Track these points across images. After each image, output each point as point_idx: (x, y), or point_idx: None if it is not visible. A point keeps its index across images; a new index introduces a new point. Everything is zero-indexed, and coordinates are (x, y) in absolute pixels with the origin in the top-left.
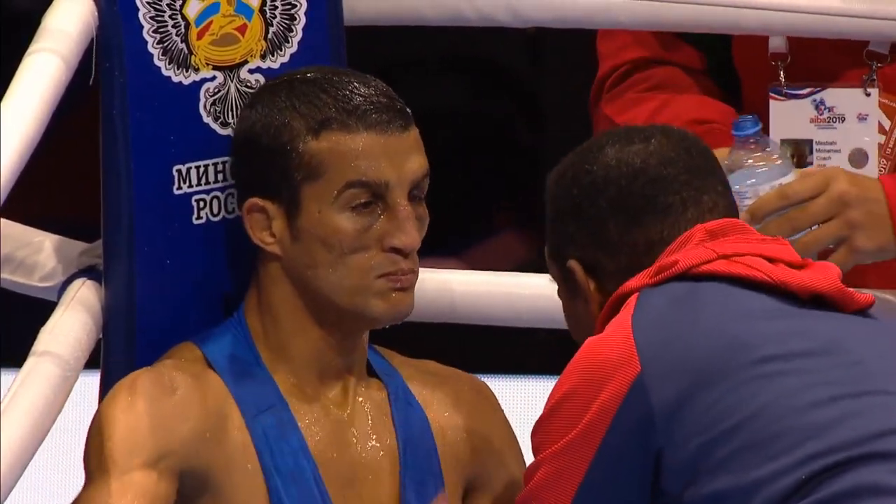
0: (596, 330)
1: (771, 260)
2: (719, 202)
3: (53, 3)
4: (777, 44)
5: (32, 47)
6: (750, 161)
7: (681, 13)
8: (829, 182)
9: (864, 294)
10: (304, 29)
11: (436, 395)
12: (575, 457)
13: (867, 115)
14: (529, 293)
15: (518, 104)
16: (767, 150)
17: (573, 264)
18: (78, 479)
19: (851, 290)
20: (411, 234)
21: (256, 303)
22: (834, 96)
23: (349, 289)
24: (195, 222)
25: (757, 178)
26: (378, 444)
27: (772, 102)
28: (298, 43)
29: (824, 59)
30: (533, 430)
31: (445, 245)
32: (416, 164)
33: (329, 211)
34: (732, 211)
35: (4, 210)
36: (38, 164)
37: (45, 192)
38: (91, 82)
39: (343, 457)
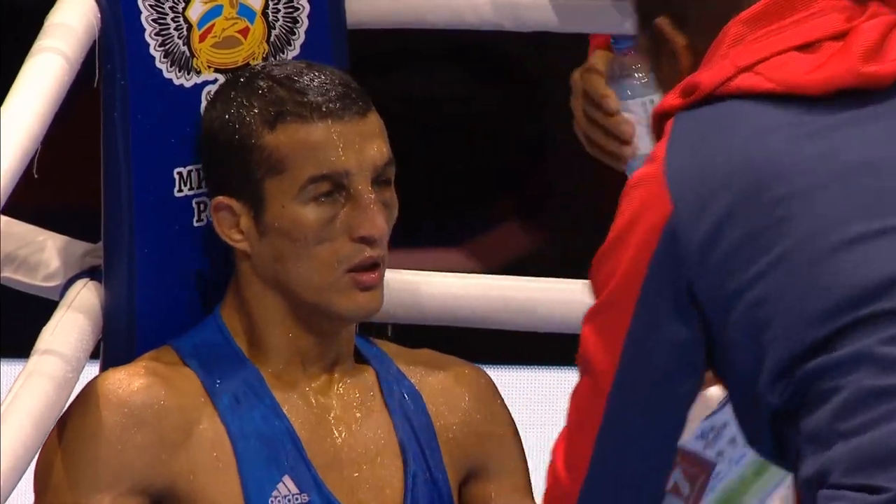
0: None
1: (807, 46)
2: None
3: (56, 3)
4: None
5: (36, 45)
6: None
7: None
8: None
9: None
10: (306, 31)
11: (434, 381)
12: (619, 306)
13: None
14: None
15: (520, 93)
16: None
17: (660, 21)
18: None
19: (883, 62)
20: (376, 222)
21: (233, 300)
22: None
23: (316, 284)
24: (196, 225)
25: (634, 91)
26: (371, 426)
27: None
28: (301, 46)
29: None
30: (590, 271)
31: (447, 236)
32: (376, 149)
33: (292, 205)
34: None
35: (9, 206)
36: (46, 155)
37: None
38: (95, 84)
39: (328, 442)
